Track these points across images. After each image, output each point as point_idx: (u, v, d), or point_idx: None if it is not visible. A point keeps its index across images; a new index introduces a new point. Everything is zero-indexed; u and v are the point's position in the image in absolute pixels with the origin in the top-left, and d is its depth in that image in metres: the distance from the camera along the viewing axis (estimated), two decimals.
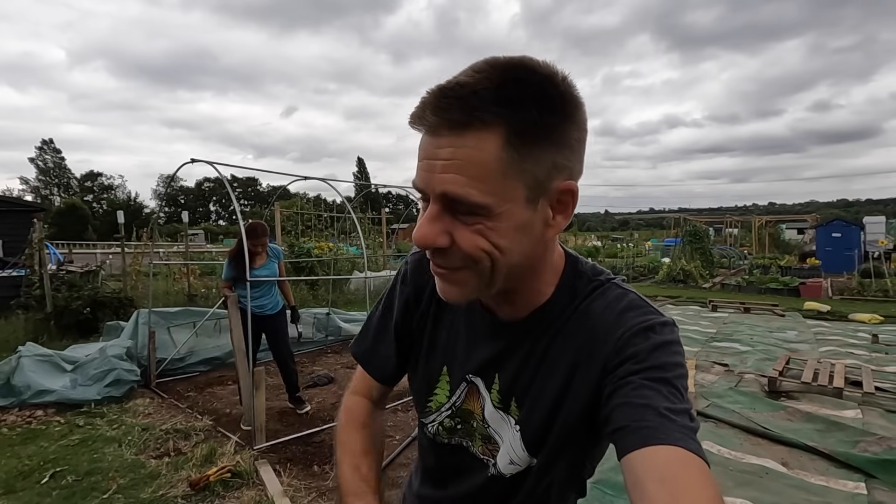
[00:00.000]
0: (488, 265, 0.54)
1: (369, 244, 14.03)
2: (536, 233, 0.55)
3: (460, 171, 0.50)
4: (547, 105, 0.50)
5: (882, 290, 10.14)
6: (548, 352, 0.64)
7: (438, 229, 0.53)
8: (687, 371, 0.56)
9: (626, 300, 0.62)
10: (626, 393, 0.53)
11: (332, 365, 5.34)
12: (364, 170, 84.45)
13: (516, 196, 0.51)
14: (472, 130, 0.49)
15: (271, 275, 3.84)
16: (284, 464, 3.04)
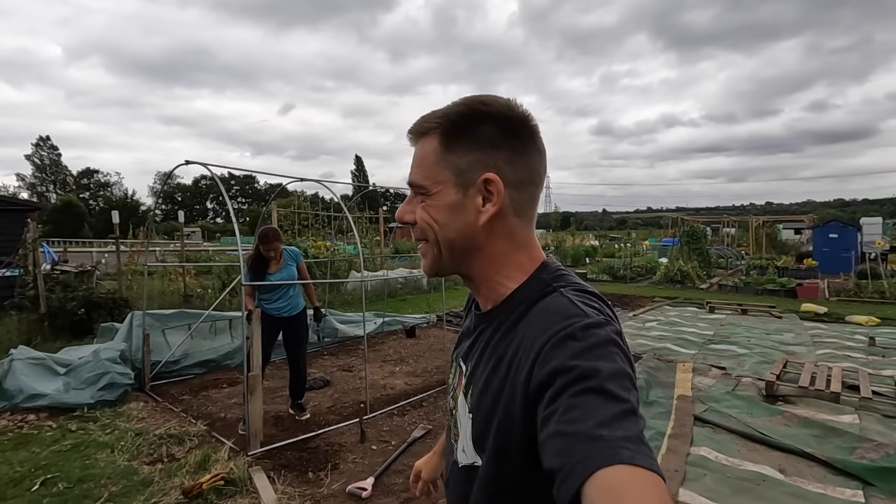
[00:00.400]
0: (434, 237, 0.70)
1: (366, 243, 14.00)
2: (469, 216, 0.68)
3: (414, 164, 0.71)
4: (473, 120, 0.67)
5: (879, 291, 10.15)
6: (497, 347, 0.69)
7: (408, 209, 0.73)
8: (619, 365, 0.54)
9: (558, 306, 0.63)
10: (552, 423, 0.51)
11: (328, 367, 5.31)
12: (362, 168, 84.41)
13: (446, 180, 0.68)
14: (424, 137, 0.70)
15: (288, 278, 3.80)
16: (279, 470, 3.02)
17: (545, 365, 0.56)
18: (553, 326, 0.59)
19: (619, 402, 0.50)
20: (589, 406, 0.50)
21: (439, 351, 5.98)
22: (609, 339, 0.57)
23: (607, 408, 0.49)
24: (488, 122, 0.67)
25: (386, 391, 4.58)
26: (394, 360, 5.63)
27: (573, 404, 0.51)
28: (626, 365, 0.55)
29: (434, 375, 5.01)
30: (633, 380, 0.54)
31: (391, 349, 6.16)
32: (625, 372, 0.54)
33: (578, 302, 0.63)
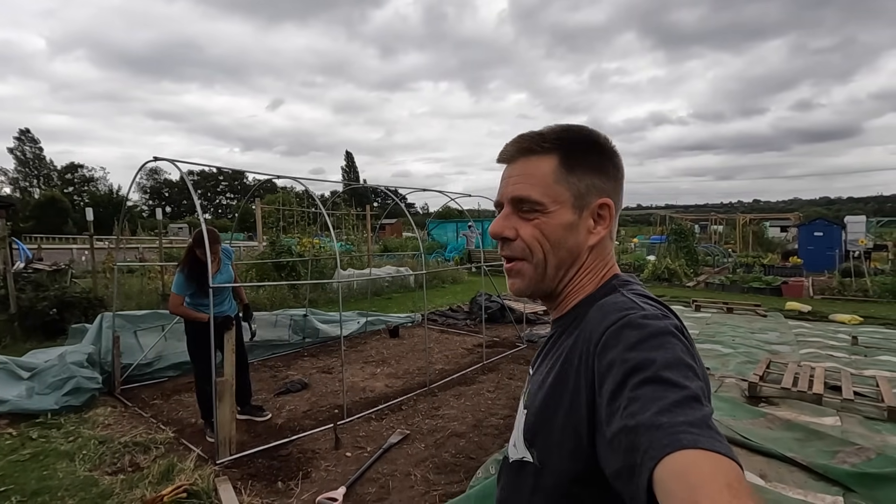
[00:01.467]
0: (541, 256, 0.71)
1: (354, 240, 13.84)
2: (580, 236, 0.72)
3: (525, 180, 0.72)
4: (589, 147, 0.73)
5: (862, 289, 10.23)
6: (558, 347, 0.72)
7: (508, 224, 0.73)
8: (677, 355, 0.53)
9: (615, 301, 0.65)
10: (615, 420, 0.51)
11: (308, 369, 5.18)
12: (352, 164, 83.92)
13: (564, 200, 0.71)
14: (536, 155, 0.73)
15: (228, 279, 3.67)
16: (247, 480, 2.90)
17: (603, 357, 0.57)
18: (609, 317, 0.61)
19: (678, 388, 0.50)
20: (647, 397, 0.49)
21: (422, 351, 5.88)
22: (666, 329, 0.57)
23: (666, 396, 0.49)
24: (601, 151, 0.73)
25: (365, 394, 4.47)
26: (375, 361, 5.52)
27: (633, 397, 0.50)
28: (685, 355, 0.54)
29: (416, 377, 4.92)
30: (694, 369, 0.53)
31: (373, 349, 6.04)
32: (683, 361, 0.53)
33: (636, 298, 0.65)
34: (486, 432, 3.61)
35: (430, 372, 4.85)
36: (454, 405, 4.18)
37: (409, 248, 18.20)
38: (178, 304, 3.47)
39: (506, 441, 3.34)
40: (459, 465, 3.13)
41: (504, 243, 0.74)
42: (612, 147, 0.75)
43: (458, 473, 3.02)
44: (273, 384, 4.69)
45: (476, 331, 7.11)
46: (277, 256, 9.39)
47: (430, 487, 2.86)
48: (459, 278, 13.13)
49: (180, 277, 3.49)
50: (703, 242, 20.55)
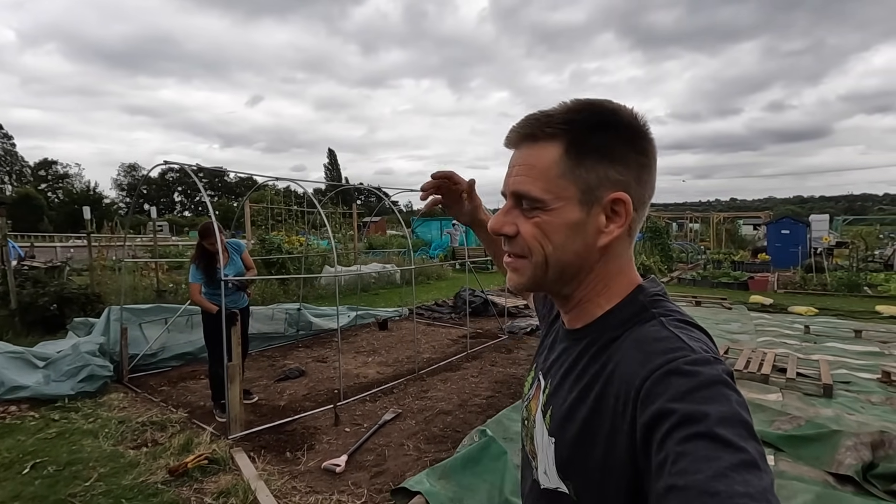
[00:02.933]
0: (541, 259, 0.64)
1: (340, 238, 14.13)
2: (589, 236, 0.63)
3: (526, 173, 0.63)
4: (605, 130, 0.62)
5: (822, 284, 10.92)
6: (584, 372, 0.65)
7: (508, 220, 0.66)
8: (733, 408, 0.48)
9: (658, 337, 0.58)
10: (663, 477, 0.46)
11: (304, 359, 5.53)
12: (335, 161, 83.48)
13: (569, 196, 0.62)
14: (539, 142, 0.63)
15: (237, 270, 3.99)
16: (259, 451, 3.26)
17: (648, 405, 0.51)
18: (654, 360, 0.54)
19: (735, 450, 0.44)
20: (700, 455, 0.44)
21: (410, 342, 6.26)
22: (719, 378, 0.51)
23: (721, 457, 0.43)
24: (619, 133, 0.62)
25: (359, 380, 4.84)
26: (366, 352, 5.89)
27: (682, 452, 0.45)
28: (742, 409, 0.48)
29: (405, 365, 5.30)
30: (751, 427, 0.47)
31: (364, 341, 6.41)
32: (740, 417, 0.47)
33: (681, 334, 0.58)
34: (471, 410, 4.01)
35: (418, 360, 5.24)
36: (441, 388, 4.57)
37: (394, 245, 18.54)
38: (196, 291, 3.83)
39: (488, 417, 3.75)
40: (447, 437, 3.53)
41: (505, 240, 0.67)
42: (638, 127, 0.63)
43: (445, 444, 3.42)
44: (272, 372, 5.03)
45: (461, 323, 7.52)
46: (267, 254, 9.65)
47: (421, 455, 3.26)
48: (444, 275, 13.54)
49: (193, 268, 3.82)
50: (679, 240, 21.33)
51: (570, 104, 0.63)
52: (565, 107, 0.63)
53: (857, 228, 17.06)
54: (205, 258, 3.81)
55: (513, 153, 0.67)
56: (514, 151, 0.67)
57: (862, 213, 57.28)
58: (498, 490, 2.69)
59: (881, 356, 5.49)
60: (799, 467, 3.01)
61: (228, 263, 3.91)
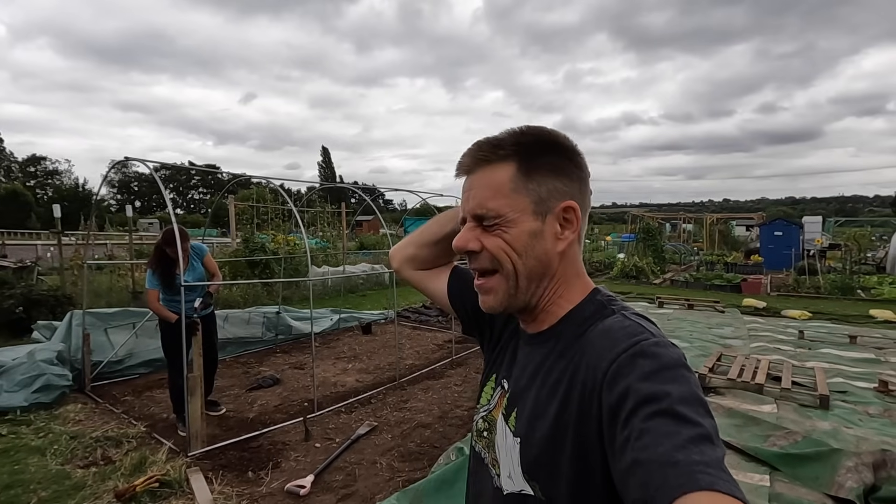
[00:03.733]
0: (510, 267, 0.68)
1: (330, 237, 13.87)
2: (548, 243, 0.69)
3: (483, 192, 0.69)
4: (548, 150, 0.69)
5: (815, 286, 10.80)
6: (552, 369, 0.67)
7: (472, 237, 0.70)
8: (691, 389, 0.52)
9: (622, 325, 0.62)
10: (627, 452, 0.49)
11: (280, 365, 5.29)
12: (329, 160, 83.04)
13: (525, 208, 0.67)
14: (492, 164, 0.69)
15: (198, 277, 3.73)
16: (218, 471, 3.02)
17: (615, 385, 0.55)
18: (620, 344, 0.58)
19: (693, 425, 0.48)
20: (661, 430, 0.48)
21: (394, 347, 6.02)
22: (679, 360, 0.55)
23: (680, 432, 0.47)
24: (560, 152, 0.70)
25: (336, 388, 4.61)
26: (347, 357, 5.66)
27: (645, 429, 0.49)
28: (698, 389, 0.53)
29: (386, 372, 5.07)
30: (706, 406, 0.51)
31: (346, 346, 6.18)
32: (697, 396, 0.51)
33: (642, 322, 0.63)
34: (451, 423, 3.80)
35: (399, 367, 5.01)
36: (422, 398, 4.35)
37: (385, 245, 18.30)
38: (154, 298, 3.60)
39: (468, 431, 3.53)
40: (423, 453, 3.31)
41: (471, 257, 0.71)
42: (573, 146, 0.71)
43: (421, 461, 3.20)
44: (245, 380, 4.79)
45: (448, 327, 7.30)
46: (251, 254, 9.39)
47: (394, 474, 3.04)
48: None
49: (149, 273, 3.58)
50: (672, 241, 21.22)
51: (514, 130, 0.70)
52: (510, 132, 0.70)
53: (850, 230, 16.99)
54: (162, 263, 3.57)
55: (465, 179, 0.72)
56: (466, 178, 0.72)
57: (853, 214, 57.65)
58: None
59: (877, 363, 5.32)
60: (797, 489, 2.82)
61: (188, 269, 3.66)
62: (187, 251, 3.60)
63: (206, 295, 3.82)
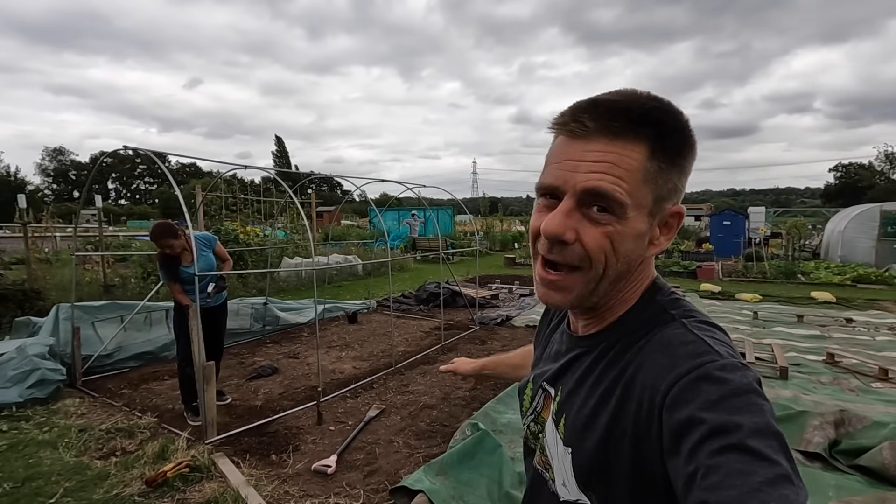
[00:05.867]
0: (601, 269, 0.58)
1: (298, 229, 13.68)
2: (644, 247, 0.60)
3: (609, 171, 0.56)
4: (681, 136, 0.59)
5: (762, 272, 11.71)
6: (602, 376, 0.61)
7: (569, 224, 0.57)
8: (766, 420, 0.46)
9: (683, 340, 0.55)
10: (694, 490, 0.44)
11: (273, 355, 5.32)
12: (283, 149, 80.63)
13: (644, 205, 0.58)
14: (623, 139, 0.56)
15: (208, 266, 3.73)
16: (241, 455, 3.10)
17: (676, 412, 0.49)
18: (681, 365, 0.52)
19: (769, 463, 0.42)
20: (733, 469, 0.43)
21: (383, 335, 6.17)
22: (750, 386, 0.49)
23: (755, 471, 0.42)
24: (689, 141, 0.59)
25: (335, 375, 4.71)
26: (339, 346, 5.75)
27: (713, 465, 0.44)
28: (772, 419, 0.46)
29: (381, 359, 5.21)
30: (782, 439, 0.45)
31: (335, 335, 6.25)
32: (772, 429, 0.45)
33: (706, 337, 0.55)
34: (455, 404, 4.00)
35: (394, 353, 5.16)
36: (421, 382, 4.53)
37: (352, 235, 18.18)
38: (175, 291, 3.64)
39: (473, 410, 3.75)
40: (435, 431, 3.50)
41: (556, 245, 0.59)
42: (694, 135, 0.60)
43: (435, 438, 3.38)
44: (242, 370, 4.80)
45: (430, 315, 7.49)
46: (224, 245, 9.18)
47: (412, 451, 3.21)
48: (406, 266, 13.43)
49: (161, 271, 3.63)
50: None
51: (648, 99, 0.57)
52: (654, 106, 0.57)
53: (792, 220, 18.36)
54: (163, 258, 3.61)
55: (572, 143, 0.58)
56: (574, 141, 0.58)
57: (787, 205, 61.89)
58: (497, 484, 2.69)
59: (823, 339, 5.95)
60: None
61: (197, 260, 3.66)
62: (175, 245, 3.56)
63: (220, 279, 3.85)
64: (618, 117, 0.56)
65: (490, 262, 15.10)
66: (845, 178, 55.29)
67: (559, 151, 0.60)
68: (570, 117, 0.58)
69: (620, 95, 0.58)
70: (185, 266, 3.65)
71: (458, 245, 16.99)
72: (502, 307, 8.05)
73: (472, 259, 14.98)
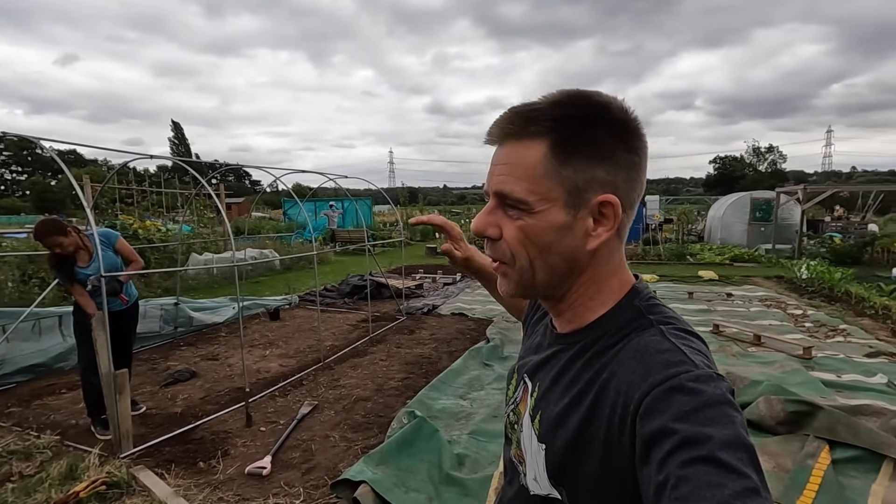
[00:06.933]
0: (525, 263, 0.62)
1: (206, 223, 12.76)
2: (576, 239, 0.60)
3: (509, 172, 0.60)
4: (595, 126, 0.58)
5: (657, 254, 12.96)
6: (578, 378, 0.62)
7: (491, 221, 0.63)
8: (736, 431, 0.46)
9: (658, 348, 0.56)
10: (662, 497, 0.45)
11: (190, 358, 4.98)
12: (182, 135, 74.05)
13: (555, 198, 0.58)
14: (523, 140, 0.59)
15: (107, 265, 3.39)
16: (166, 466, 2.91)
17: (648, 421, 0.50)
18: (655, 374, 0.52)
19: (738, 476, 0.43)
20: (701, 480, 0.43)
21: (308, 331, 6.02)
22: (723, 398, 0.49)
23: (723, 484, 0.42)
24: (609, 130, 0.59)
25: (262, 375, 4.54)
26: (262, 344, 5.52)
27: (683, 476, 0.44)
28: (743, 431, 0.47)
29: (308, 355, 5.09)
30: (752, 451, 0.46)
31: (257, 333, 5.98)
32: (743, 441, 0.46)
33: (682, 346, 0.55)
34: (389, 394, 4.04)
35: (322, 348, 5.06)
36: (352, 375, 4.51)
37: (266, 228, 17.31)
38: (76, 293, 3.28)
39: (408, 399, 3.82)
40: (371, 423, 3.52)
41: (488, 243, 0.64)
42: (629, 122, 0.60)
43: (372, 430, 3.41)
44: (155, 376, 4.46)
45: (355, 308, 7.42)
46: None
47: (350, 444, 3.21)
48: (326, 259, 13.08)
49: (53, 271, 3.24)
50: None
51: (557, 96, 0.60)
52: (552, 100, 0.60)
53: (681, 207, 20.41)
54: (55, 259, 3.24)
55: (495, 150, 0.63)
56: (496, 148, 0.63)
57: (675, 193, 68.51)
58: (437, 467, 2.79)
59: (710, 312, 6.76)
60: None
61: (93, 260, 3.32)
62: (64, 244, 3.19)
63: (115, 282, 3.46)
64: (514, 120, 0.60)
65: (411, 252, 15.16)
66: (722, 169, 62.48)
67: (491, 159, 0.64)
68: (490, 128, 0.63)
69: (540, 98, 0.61)
70: (81, 267, 3.30)
71: (378, 236, 16.84)
72: (427, 296, 8.17)
73: (394, 250, 14.95)
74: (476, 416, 3.53)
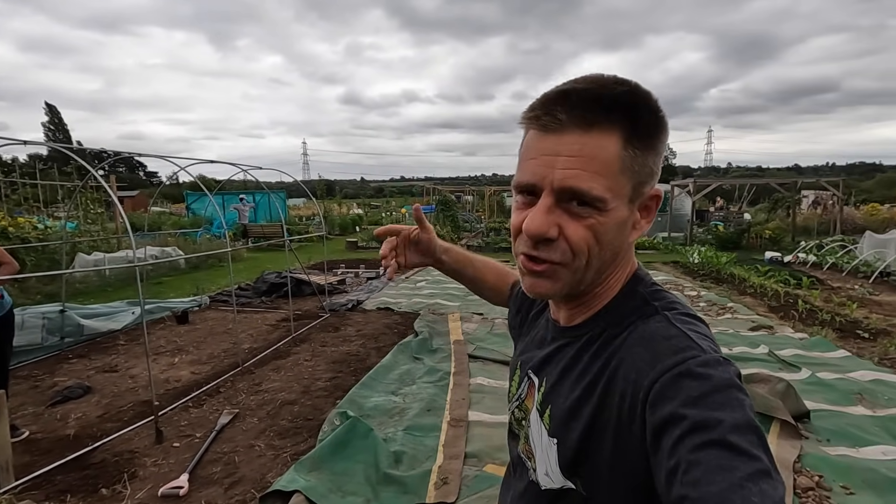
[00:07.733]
0: (584, 261, 0.57)
1: (95, 218, 11.39)
2: (626, 233, 0.59)
3: (583, 167, 0.54)
4: (653, 117, 0.57)
5: None
6: (588, 369, 0.61)
7: (551, 221, 0.56)
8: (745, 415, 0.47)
9: (665, 335, 0.56)
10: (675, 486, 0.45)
11: (82, 372, 4.40)
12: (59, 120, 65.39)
13: (624, 194, 0.56)
14: (597, 129, 0.54)
15: None
16: (59, 497, 2.53)
17: (658, 408, 0.50)
18: (663, 360, 0.52)
19: (749, 458, 0.43)
20: (712, 464, 0.43)
21: (223, 334, 5.60)
22: (731, 381, 0.49)
23: (735, 467, 0.42)
24: (661, 122, 0.58)
25: (171, 385, 4.13)
26: (169, 351, 5.03)
27: (694, 461, 0.44)
28: (752, 414, 0.47)
29: (224, 359, 4.72)
30: (761, 433, 0.46)
31: (162, 339, 5.44)
32: (752, 424, 0.46)
33: (689, 331, 0.55)
34: (317, 395, 3.86)
35: (239, 352, 4.73)
36: (275, 378, 4.25)
37: (167, 224, 15.87)
38: None
39: (337, 399, 3.68)
40: (300, 427, 3.34)
41: (540, 243, 0.57)
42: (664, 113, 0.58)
43: (301, 434, 3.23)
44: (39, 395, 3.88)
45: (274, 307, 7.04)
46: None
47: (278, 452, 3.02)
48: (238, 256, 12.26)
49: None
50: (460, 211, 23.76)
51: (616, 83, 0.55)
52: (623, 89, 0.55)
53: None
54: None
55: (545, 137, 0.56)
56: (547, 135, 0.56)
57: None
58: (374, 468, 2.71)
59: None
60: None
61: None
62: None
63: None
64: (590, 106, 0.54)
65: (331, 246, 14.67)
66: None
67: (533, 146, 0.58)
68: (541, 110, 0.56)
69: (588, 83, 0.56)
70: None
71: (294, 230, 16.11)
72: (351, 292, 7.96)
73: (312, 245, 14.39)
74: (410, 411, 3.49)
